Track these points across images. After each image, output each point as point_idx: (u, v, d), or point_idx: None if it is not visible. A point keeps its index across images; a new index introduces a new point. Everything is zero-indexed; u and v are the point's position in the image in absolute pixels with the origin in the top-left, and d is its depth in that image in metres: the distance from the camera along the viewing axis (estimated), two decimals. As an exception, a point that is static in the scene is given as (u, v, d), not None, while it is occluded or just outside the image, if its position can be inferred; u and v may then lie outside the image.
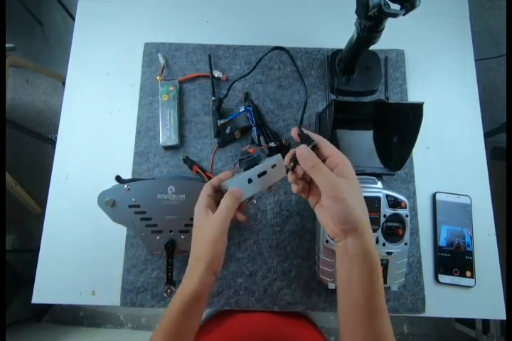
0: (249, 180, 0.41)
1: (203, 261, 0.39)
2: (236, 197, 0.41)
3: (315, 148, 0.38)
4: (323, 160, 0.37)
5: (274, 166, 0.42)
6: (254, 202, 0.50)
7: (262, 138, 0.60)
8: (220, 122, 0.60)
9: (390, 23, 0.45)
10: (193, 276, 0.39)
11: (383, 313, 0.34)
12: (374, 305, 0.34)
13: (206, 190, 0.43)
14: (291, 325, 0.57)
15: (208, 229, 0.40)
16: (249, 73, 0.63)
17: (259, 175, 0.42)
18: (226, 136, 0.61)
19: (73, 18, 1.03)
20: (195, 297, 0.38)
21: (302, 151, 0.37)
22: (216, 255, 0.40)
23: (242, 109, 0.61)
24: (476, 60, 0.68)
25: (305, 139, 0.38)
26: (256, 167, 0.42)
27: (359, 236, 0.34)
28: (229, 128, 0.61)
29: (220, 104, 0.62)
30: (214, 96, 0.62)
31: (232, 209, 0.41)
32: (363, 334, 0.34)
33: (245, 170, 0.43)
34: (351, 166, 0.37)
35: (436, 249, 0.58)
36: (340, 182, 0.35)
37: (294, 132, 0.40)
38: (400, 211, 0.51)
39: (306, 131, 0.39)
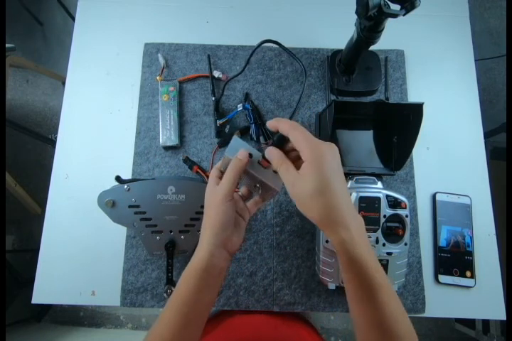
0: (250, 155, 0.39)
1: (208, 229, 0.38)
2: (238, 164, 0.38)
3: (282, 146, 0.36)
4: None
5: (275, 171, 0.40)
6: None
7: (261, 138, 0.60)
8: (218, 122, 0.60)
9: (390, 23, 0.46)
10: (199, 248, 0.38)
11: (383, 301, 0.32)
12: (367, 296, 0.33)
13: (214, 172, 0.41)
14: (290, 327, 0.57)
15: (212, 197, 0.39)
16: (242, 71, 0.62)
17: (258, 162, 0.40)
18: (226, 136, 0.61)
19: (73, 18, 1.03)
20: (203, 268, 0.36)
21: (269, 151, 0.37)
22: (221, 221, 0.37)
23: (240, 107, 0.61)
24: (476, 60, 0.68)
25: (273, 139, 0.38)
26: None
27: (329, 229, 0.33)
28: (228, 127, 0.61)
29: (218, 104, 0.62)
30: (214, 96, 0.62)
31: (235, 178, 0.38)
32: (368, 317, 0.33)
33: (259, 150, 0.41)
34: (317, 161, 0.32)
35: (436, 249, 0.58)
36: (295, 179, 0.33)
37: (268, 125, 0.37)
38: (399, 211, 0.51)
39: (276, 123, 0.36)
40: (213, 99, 0.62)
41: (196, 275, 0.36)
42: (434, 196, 0.60)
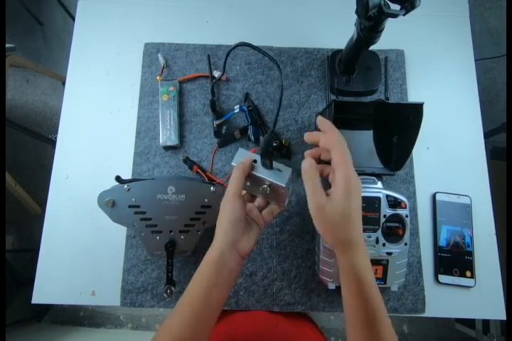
0: (255, 161, 0.41)
1: (220, 227, 0.40)
2: (241, 166, 0.41)
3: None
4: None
5: (279, 170, 0.42)
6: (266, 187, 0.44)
7: (261, 138, 0.60)
8: (215, 122, 0.60)
9: (390, 23, 0.45)
10: (212, 246, 0.40)
11: (382, 323, 0.35)
12: (370, 316, 0.35)
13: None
14: (292, 324, 0.57)
15: (223, 199, 0.41)
16: (223, 73, 0.63)
17: (263, 165, 0.42)
18: (226, 136, 0.61)
19: (73, 18, 1.04)
20: (214, 264, 0.38)
21: (304, 165, 0.38)
22: (230, 219, 0.39)
23: (236, 109, 0.60)
24: (476, 60, 0.68)
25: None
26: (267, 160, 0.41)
27: (344, 252, 0.37)
28: (224, 127, 0.61)
29: (214, 104, 0.61)
30: (214, 96, 0.62)
31: (240, 178, 0.40)
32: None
33: (260, 152, 0.42)
34: (349, 192, 0.35)
35: (436, 249, 0.58)
36: (324, 202, 0.35)
37: (306, 138, 0.40)
38: (399, 211, 0.51)
39: (318, 136, 0.37)
40: (214, 98, 0.62)
41: (208, 271, 0.38)
42: (434, 196, 0.60)
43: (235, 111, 0.60)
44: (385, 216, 0.51)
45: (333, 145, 0.36)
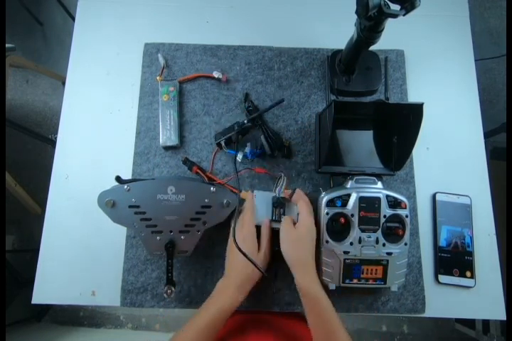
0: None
1: (233, 281, 0.48)
2: (266, 230, 0.53)
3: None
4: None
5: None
6: None
7: (262, 137, 0.60)
8: (222, 144, 0.59)
9: (390, 23, 0.45)
10: (221, 295, 0.48)
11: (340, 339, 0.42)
12: (328, 334, 0.43)
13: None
14: (290, 326, 0.57)
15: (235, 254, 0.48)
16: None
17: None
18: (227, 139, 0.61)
19: (73, 18, 1.04)
20: (221, 313, 0.45)
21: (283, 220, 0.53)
22: (246, 277, 0.48)
23: (239, 158, 0.59)
24: (476, 60, 0.68)
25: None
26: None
27: (297, 273, 0.48)
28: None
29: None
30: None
31: (268, 236, 0.52)
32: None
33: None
34: (306, 224, 0.50)
35: (436, 249, 0.58)
36: (292, 233, 0.50)
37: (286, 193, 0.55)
38: (399, 211, 0.51)
39: (295, 198, 0.54)
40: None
41: (212, 320, 0.45)
42: (434, 196, 0.60)
43: (233, 153, 0.58)
44: (385, 216, 0.51)
45: (298, 199, 0.53)
